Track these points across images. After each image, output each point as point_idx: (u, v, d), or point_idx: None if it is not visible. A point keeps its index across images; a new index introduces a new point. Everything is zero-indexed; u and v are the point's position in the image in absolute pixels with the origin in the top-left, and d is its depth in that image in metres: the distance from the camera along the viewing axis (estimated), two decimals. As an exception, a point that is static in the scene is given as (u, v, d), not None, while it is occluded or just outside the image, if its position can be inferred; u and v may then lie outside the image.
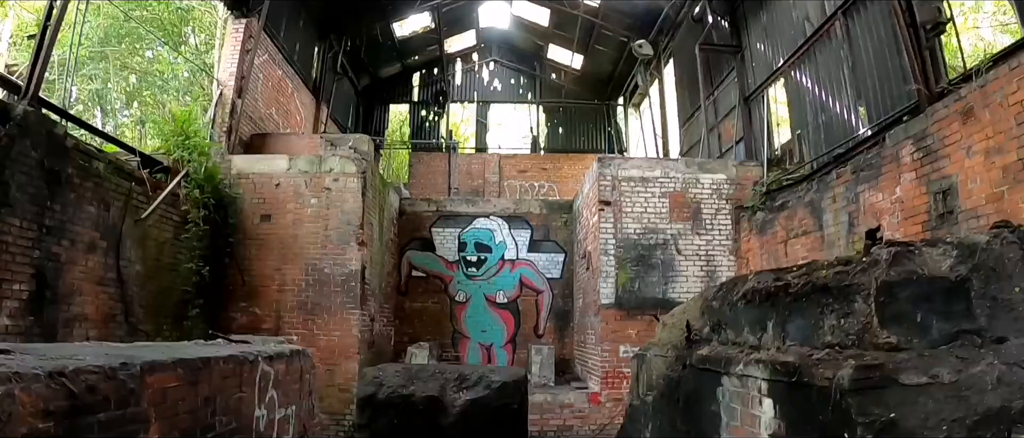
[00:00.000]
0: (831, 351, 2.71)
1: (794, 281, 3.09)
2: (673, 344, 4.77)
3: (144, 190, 9.47)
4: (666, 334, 5.19)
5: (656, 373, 4.99)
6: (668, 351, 4.83)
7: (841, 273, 2.87)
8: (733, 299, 3.74)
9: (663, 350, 4.97)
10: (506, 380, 6.12)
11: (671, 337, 4.99)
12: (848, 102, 9.61)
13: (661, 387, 4.61)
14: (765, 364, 3.01)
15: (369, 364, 11.15)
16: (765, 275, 3.56)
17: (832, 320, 2.80)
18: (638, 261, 10.89)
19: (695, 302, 4.99)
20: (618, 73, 22.05)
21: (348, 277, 10.91)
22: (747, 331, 3.50)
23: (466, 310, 14.04)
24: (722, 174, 11.47)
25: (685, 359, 4.15)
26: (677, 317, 5.16)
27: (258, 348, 5.52)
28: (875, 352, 2.61)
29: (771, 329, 3.23)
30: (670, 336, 5.03)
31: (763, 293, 3.34)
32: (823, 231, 8.99)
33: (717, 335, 4.00)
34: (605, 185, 11.07)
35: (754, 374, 3.09)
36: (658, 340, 5.39)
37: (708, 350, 3.81)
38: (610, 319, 10.72)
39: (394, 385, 5.93)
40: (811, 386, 2.64)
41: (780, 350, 3.02)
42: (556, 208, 14.62)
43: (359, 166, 11.42)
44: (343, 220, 11.16)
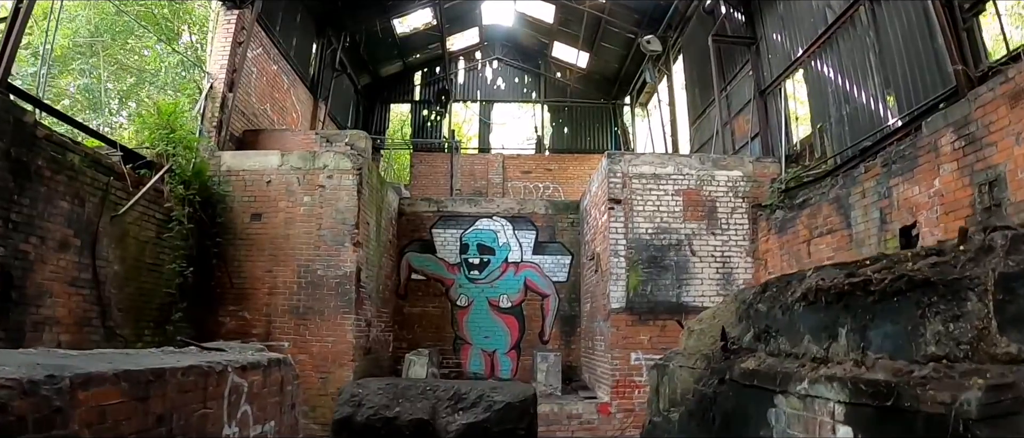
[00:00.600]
0: (938, 365, 2.08)
1: (876, 276, 2.45)
2: (703, 354, 4.14)
3: (124, 186, 8.89)
4: (693, 342, 4.56)
5: (682, 387, 4.36)
6: (696, 362, 4.20)
7: (941, 265, 2.23)
8: (787, 301, 3.10)
9: (690, 360, 4.34)
10: (510, 401, 5.34)
11: (700, 346, 4.36)
12: (875, 91, 9.01)
13: (690, 404, 3.98)
14: (841, 382, 2.37)
15: (365, 372, 10.53)
16: (829, 270, 2.92)
17: (937, 325, 2.17)
18: (650, 263, 10.24)
19: (728, 305, 4.36)
20: (625, 72, 21.45)
21: (342, 279, 10.28)
22: (808, 340, 2.86)
23: (468, 315, 13.40)
24: (738, 171, 10.84)
25: (723, 373, 3.52)
26: (707, 323, 4.53)
27: (230, 357, 4.90)
28: (995, 366, 1.99)
29: (844, 337, 2.59)
30: (698, 344, 4.40)
31: (831, 292, 2.71)
32: (851, 229, 8.36)
33: (763, 344, 3.37)
34: (615, 182, 10.44)
35: (824, 394, 2.46)
36: (683, 349, 4.75)
37: (755, 363, 3.17)
38: (620, 324, 10.07)
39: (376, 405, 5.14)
40: (915, 412, 2.02)
41: (861, 364, 2.38)
42: (562, 208, 13.98)
43: (355, 162, 10.81)
44: (338, 219, 10.54)
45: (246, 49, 12.94)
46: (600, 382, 10.84)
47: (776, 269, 10.06)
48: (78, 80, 16.32)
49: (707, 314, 4.80)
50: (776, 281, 3.49)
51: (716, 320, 4.30)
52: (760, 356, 3.25)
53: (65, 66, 16.28)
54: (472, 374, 13.08)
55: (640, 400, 9.97)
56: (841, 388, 2.35)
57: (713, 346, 4.04)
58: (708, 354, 4.04)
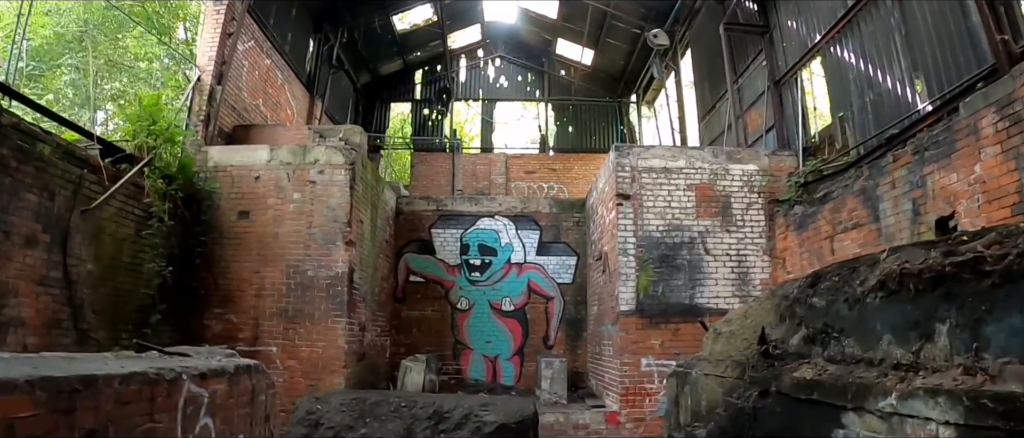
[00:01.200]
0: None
1: (991, 252, 1.84)
2: (735, 360, 3.52)
3: (100, 179, 8.33)
4: (721, 346, 3.94)
5: (709, 399, 3.74)
6: (726, 369, 3.58)
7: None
8: (856, 292, 2.48)
9: (718, 368, 3.72)
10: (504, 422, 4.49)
11: (729, 350, 3.75)
12: (901, 75, 8.40)
13: (722, 420, 3.36)
14: (952, 396, 1.73)
15: (358, 379, 9.93)
16: (913, 251, 2.30)
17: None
18: (661, 262, 9.62)
19: (762, 303, 3.75)
20: (631, 69, 20.85)
21: (334, 280, 9.68)
22: (888, 341, 2.24)
23: (469, 318, 12.77)
24: (753, 164, 10.22)
25: (765, 383, 2.90)
26: (737, 324, 3.92)
27: (189, 363, 4.29)
28: None
29: (945, 336, 1.96)
30: (728, 349, 3.79)
31: (923, 278, 2.09)
32: (879, 223, 7.75)
33: (820, 348, 2.76)
34: (623, 177, 9.83)
35: (924, 412, 1.83)
36: (708, 354, 4.13)
37: (812, 372, 2.54)
38: (630, 328, 9.43)
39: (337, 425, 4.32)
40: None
41: (976, 371, 1.76)
42: (567, 207, 13.36)
43: (347, 156, 10.23)
44: (329, 217, 9.95)
45: (236, 41, 12.40)
46: (608, 389, 10.21)
47: (795, 268, 9.44)
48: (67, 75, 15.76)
49: (736, 314, 4.18)
50: (835, 269, 2.87)
51: (749, 320, 3.69)
52: (817, 363, 2.63)
53: (53, 61, 15.74)
54: (473, 381, 12.46)
55: (651, 408, 9.35)
56: (951, 404, 1.72)
57: (748, 351, 3.43)
58: (742, 360, 3.42)
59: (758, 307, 3.74)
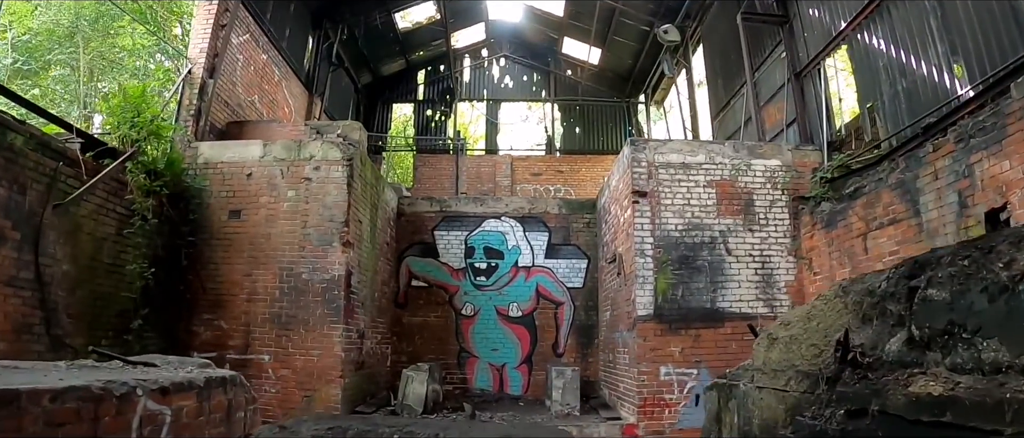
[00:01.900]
0: None
1: None
2: (803, 370, 2.90)
3: (77, 173, 7.76)
4: (779, 354, 3.32)
5: (765, 417, 3.12)
6: (790, 382, 2.96)
7: None
8: (1001, 278, 1.88)
9: (777, 380, 3.10)
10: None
11: (791, 358, 3.13)
12: (937, 60, 7.82)
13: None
14: None
15: (356, 389, 9.31)
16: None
17: None
18: (681, 263, 8.98)
19: (831, 301, 3.13)
20: (639, 67, 20.26)
21: (330, 284, 9.07)
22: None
23: (474, 325, 12.12)
24: (776, 160, 9.60)
25: (862, 400, 2.26)
26: (800, 327, 3.29)
27: (150, 375, 3.68)
28: None
29: None
30: (789, 356, 3.16)
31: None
32: (920, 217, 7.12)
33: (938, 353, 2.14)
34: (639, 172, 9.20)
35: None
36: (763, 363, 3.50)
37: (938, 385, 1.92)
38: (648, 334, 8.79)
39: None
40: None
41: None
42: (577, 208, 12.73)
43: (345, 152, 9.64)
44: (325, 216, 9.35)
45: (230, 33, 11.83)
46: (624, 400, 9.55)
47: (823, 270, 8.81)
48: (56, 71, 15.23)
49: (796, 315, 3.54)
50: (956, 251, 2.26)
51: (815, 323, 3.07)
52: (938, 374, 2.02)
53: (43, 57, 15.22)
54: (479, 391, 11.82)
55: (670, 420, 8.71)
56: None
57: (819, 360, 2.81)
58: (812, 371, 2.80)
59: (825, 307, 3.11)
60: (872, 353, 2.50)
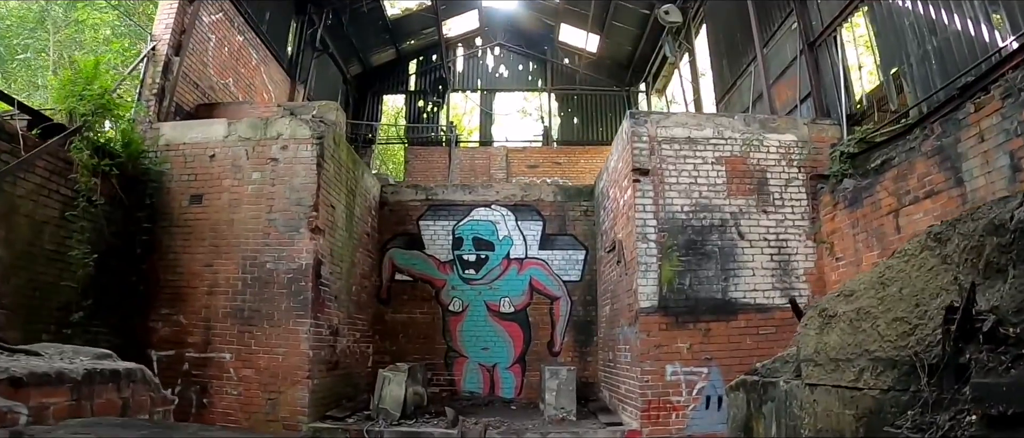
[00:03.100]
0: None
1: None
2: (888, 358, 2.00)
3: (14, 150, 6.88)
4: (838, 337, 2.42)
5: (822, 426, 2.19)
6: (865, 375, 2.06)
7: None
8: None
9: (842, 372, 2.21)
10: None
11: (862, 341, 2.23)
12: (974, 13, 6.92)
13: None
14: None
15: (329, 391, 8.39)
16: None
17: None
18: (688, 249, 8.05)
19: (916, 256, 2.22)
20: (640, 54, 19.36)
21: (297, 274, 8.16)
22: None
23: (462, 322, 11.19)
24: (791, 134, 8.70)
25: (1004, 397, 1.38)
26: (870, 296, 2.40)
27: (28, 364, 2.80)
28: None
29: None
30: (857, 338, 2.27)
31: None
32: (963, 186, 6.23)
33: None
34: (640, 148, 8.29)
35: None
36: (814, 352, 2.59)
37: None
38: (652, 328, 7.86)
39: None
40: None
41: None
42: (573, 195, 11.80)
43: (314, 129, 8.75)
44: (292, 199, 8.45)
45: (198, 9, 10.94)
46: (626, 403, 8.62)
47: (847, 254, 7.90)
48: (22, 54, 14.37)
49: (863, 282, 2.62)
50: None
51: (894, 288, 2.17)
52: None
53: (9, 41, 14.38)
54: (468, 393, 10.88)
55: (678, 425, 7.77)
56: None
57: (910, 338, 1.91)
58: (900, 357, 1.90)
59: (905, 266, 2.20)
60: (1019, 319, 1.60)
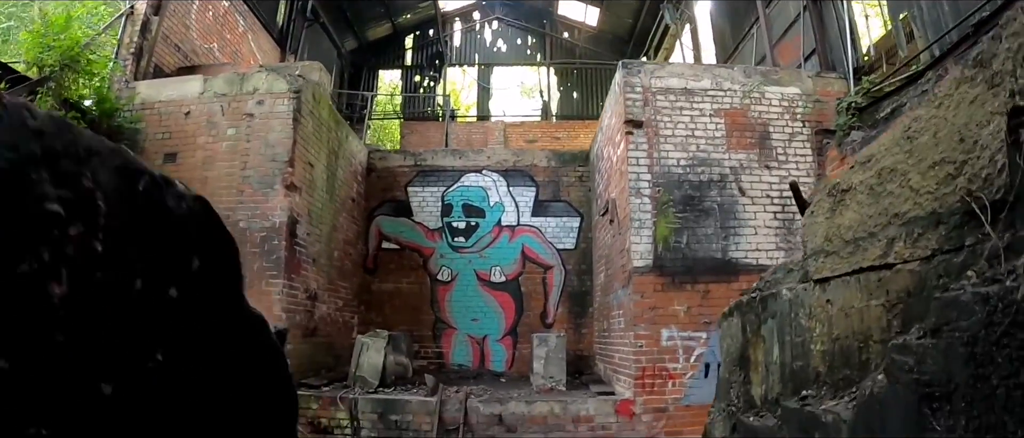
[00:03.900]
0: None
1: None
2: (924, 218, 1.53)
3: (-39, 101, 6.38)
4: (856, 213, 2.00)
5: (841, 330, 1.73)
6: (896, 246, 1.60)
7: None
8: None
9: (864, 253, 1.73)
10: None
11: (890, 206, 1.77)
12: (988, -53, 6.38)
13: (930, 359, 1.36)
14: None
15: (307, 359, 7.96)
16: None
17: None
18: (685, 205, 7.57)
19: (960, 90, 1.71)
20: (640, 27, 18.81)
21: (270, 232, 7.73)
22: None
23: (451, 292, 10.74)
24: (795, 87, 8.20)
25: None
26: (896, 153, 1.93)
27: None
28: None
29: None
30: (881, 206, 1.83)
31: None
32: (985, 134, 5.65)
33: None
34: (633, 99, 7.80)
35: None
36: (825, 240, 2.12)
37: None
38: (646, 289, 7.39)
39: None
40: None
41: None
42: (568, 160, 11.32)
43: (292, 84, 8.30)
44: (267, 155, 8.01)
45: (177, -34, 10.48)
46: (619, 372, 8.16)
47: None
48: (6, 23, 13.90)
49: (881, 144, 2.08)
50: None
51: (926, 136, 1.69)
52: None
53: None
54: (456, 366, 10.45)
55: (675, 394, 7.31)
56: None
57: (956, 181, 1.44)
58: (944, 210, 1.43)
59: (937, 110, 1.67)
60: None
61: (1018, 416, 1.21)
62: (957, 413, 1.35)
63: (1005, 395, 1.24)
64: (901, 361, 1.52)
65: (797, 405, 2.06)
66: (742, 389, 2.68)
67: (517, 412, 7.36)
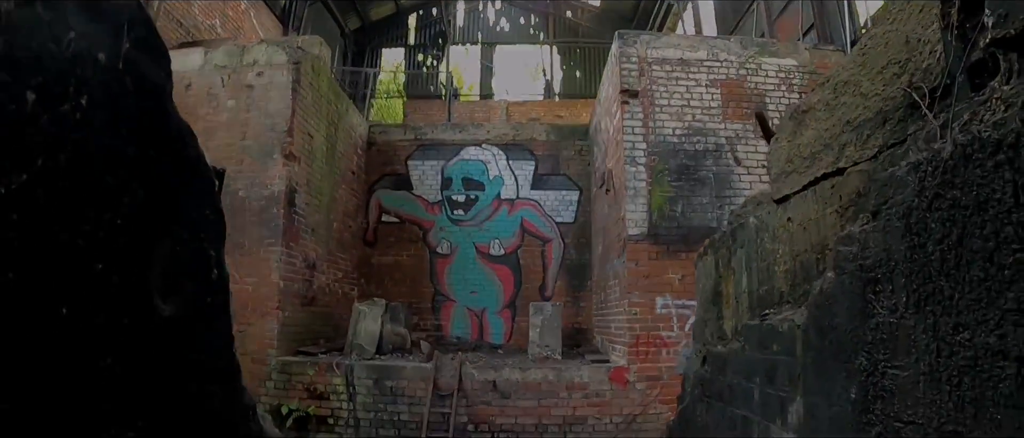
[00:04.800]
0: None
1: None
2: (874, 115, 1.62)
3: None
4: (814, 131, 1.99)
5: (799, 246, 1.78)
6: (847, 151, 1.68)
7: None
8: None
9: (820, 161, 1.74)
10: None
11: (843, 115, 1.79)
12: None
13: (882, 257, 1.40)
14: None
15: (303, 327, 8.06)
16: None
17: None
18: (680, 173, 7.60)
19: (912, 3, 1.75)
20: (642, 6, 18.78)
21: (268, 201, 7.81)
22: None
23: (451, 265, 10.81)
24: (791, 59, 8.20)
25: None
26: (851, 68, 1.96)
27: None
28: None
29: None
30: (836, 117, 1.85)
31: None
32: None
33: None
34: (629, 69, 7.82)
35: None
36: (787, 160, 2.15)
37: None
38: (640, 257, 7.44)
39: None
40: None
41: None
42: (567, 134, 11.34)
43: (292, 55, 8.34)
44: (266, 125, 8.07)
45: (177, -61, 10.49)
46: (614, 341, 8.23)
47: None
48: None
49: (843, 63, 2.15)
50: None
51: (877, 48, 1.72)
52: None
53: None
54: (455, 338, 10.54)
55: (669, 363, 7.37)
56: None
57: (905, 75, 1.47)
58: (887, 107, 1.48)
59: (891, 24, 1.73)
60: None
61: (954, 278, 1.25)
62: (897, 291, 1.40)
63: (940, 259, 1.28)
64: (846, 252, 1.57)
65: (757, 322, 2.11)
66: (715, 326, 2.73)
67: (512, 379, 7.43)
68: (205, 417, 1.70)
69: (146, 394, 1.43)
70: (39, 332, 1.16)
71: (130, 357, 1.38)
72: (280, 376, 7.52)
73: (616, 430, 7.44)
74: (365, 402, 7.37)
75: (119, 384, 1.32)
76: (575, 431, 7.41)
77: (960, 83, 1.29)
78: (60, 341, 1.19)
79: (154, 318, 1.49)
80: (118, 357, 1.34)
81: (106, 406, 1.28)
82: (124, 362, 1.35)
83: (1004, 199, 1.10)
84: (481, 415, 7.34)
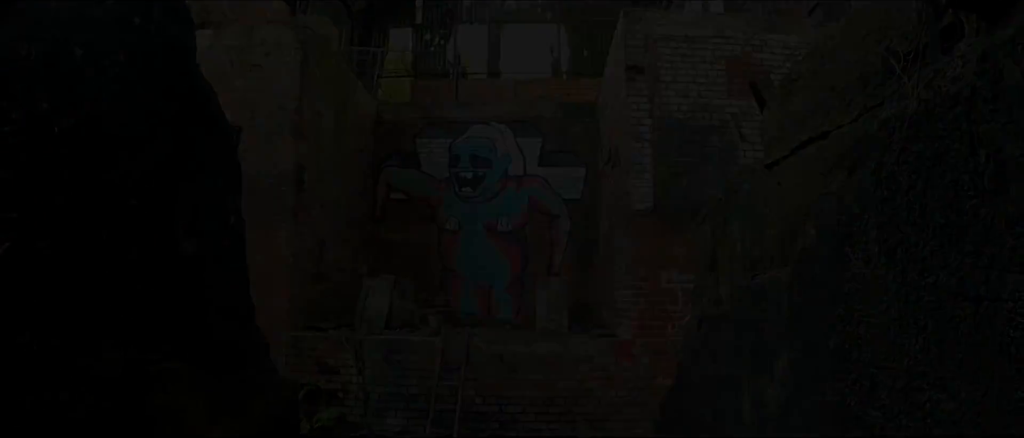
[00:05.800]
0: None
1: None
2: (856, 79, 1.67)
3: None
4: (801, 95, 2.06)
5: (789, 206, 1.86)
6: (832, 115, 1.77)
7: None
8: None
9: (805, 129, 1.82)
10: None
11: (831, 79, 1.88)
12: None
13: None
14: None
15: (313, 304, 8.21)
16: None
17: None
18: (685, 149, 7.65)
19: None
20: (654, -17, 18.58)
21: (277, 179, 7.93)
22: None
23: (459, 241, 10.93)
24: (797, 36, 8.19)
25: None
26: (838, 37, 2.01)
27: None
28: None
29: None
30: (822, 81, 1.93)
31: None
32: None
33: None
34: (634, 46, 7.85)
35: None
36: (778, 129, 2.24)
37: None
38: (645, 232, 7.51)
39: None
40: None
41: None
42: (574, 111, 11.39)
43: (300, 34, 8.41)
44: (275, 104, 8.18)
45: (183, -81, 10.53)
46: (620, 316, 8.32)
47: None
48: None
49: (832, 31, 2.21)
50: None
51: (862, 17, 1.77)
52: None
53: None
54: (464, 315, 10.66)
55: (673, 336, 7.44)
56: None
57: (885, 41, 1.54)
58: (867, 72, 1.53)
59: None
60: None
61: (919, 226, 1.33)
62: (871, 242, 1.48)
63: (907, 209, 1.36)
64: (825, 208, 1.65)
65: (747, 282, 2.19)
66: (712, 292, 2.82)
67: (519, 352, 7.56)
68: (223, 348, 1.83)
69: (170, 323, 1.54)
70: (85, 252, 1.29)
71: (157, 287, 1.50)
72: (291, 352, 7.67)
73: (622, 403, 7.56)
74: (374, 376, 7.52)
75: (147, 310, 1.45)
76: (581, 403, 7.54)
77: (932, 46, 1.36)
78: (100, 260, 1.33)
79: (178, 254, 1.61)
80: (147, 285, 1.46)
81: (136, 329, 1.41)
82: (152, 291, 1.47)
83: (961, 149, 1.17)
84: (489, 388, 7.48)
